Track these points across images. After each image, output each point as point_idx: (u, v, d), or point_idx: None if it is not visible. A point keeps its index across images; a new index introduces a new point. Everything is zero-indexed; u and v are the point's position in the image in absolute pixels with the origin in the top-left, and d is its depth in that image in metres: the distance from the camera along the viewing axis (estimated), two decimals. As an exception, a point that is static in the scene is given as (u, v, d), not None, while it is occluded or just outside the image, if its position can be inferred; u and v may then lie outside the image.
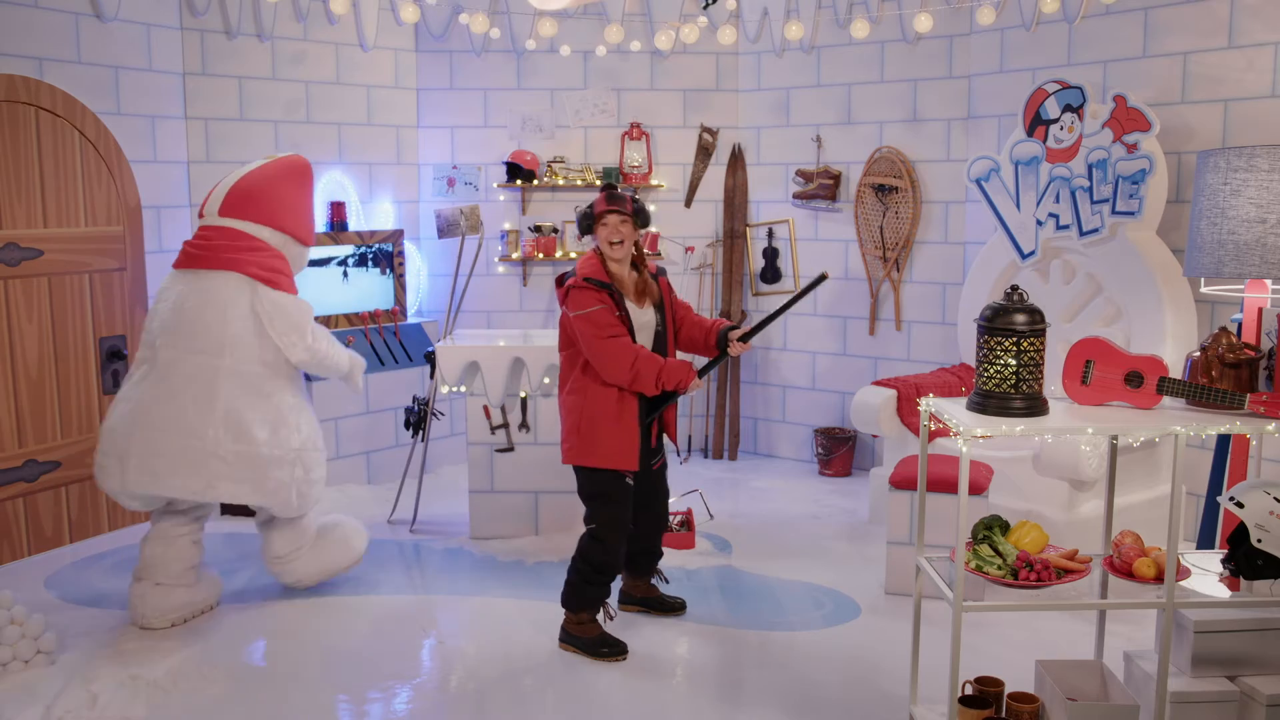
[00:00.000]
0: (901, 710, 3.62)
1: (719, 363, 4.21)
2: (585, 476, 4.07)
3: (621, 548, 4.08)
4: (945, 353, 6.32)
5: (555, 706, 3.71)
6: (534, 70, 6.81)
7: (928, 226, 6.37)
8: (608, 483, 4.03)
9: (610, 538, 4.03)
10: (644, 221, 4.08)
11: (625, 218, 4.01)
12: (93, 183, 5.40)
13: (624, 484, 4.05)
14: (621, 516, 4.05)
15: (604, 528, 4.03)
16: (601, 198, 4.04)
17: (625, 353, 3.90)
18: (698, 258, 6.99)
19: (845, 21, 6.34)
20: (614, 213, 4.00)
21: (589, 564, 4.04)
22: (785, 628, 4.34)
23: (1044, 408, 3.11)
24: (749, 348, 4.13)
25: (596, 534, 4.03)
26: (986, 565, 3.15)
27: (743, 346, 4.08)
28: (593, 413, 3.99)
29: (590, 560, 4.04)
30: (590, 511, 4.08)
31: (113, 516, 5.56)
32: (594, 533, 4.04)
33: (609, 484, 4.03)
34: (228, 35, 5.89)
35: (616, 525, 4.04)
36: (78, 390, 5.37)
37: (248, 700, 3.76)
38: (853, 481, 6.51)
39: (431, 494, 6.20)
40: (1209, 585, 3.20)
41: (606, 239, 4.02)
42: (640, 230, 4.09)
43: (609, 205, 4.01)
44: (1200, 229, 4.08)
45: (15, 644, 3.88)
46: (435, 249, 6.89)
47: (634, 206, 4.04)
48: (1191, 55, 5.14)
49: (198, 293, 4.27)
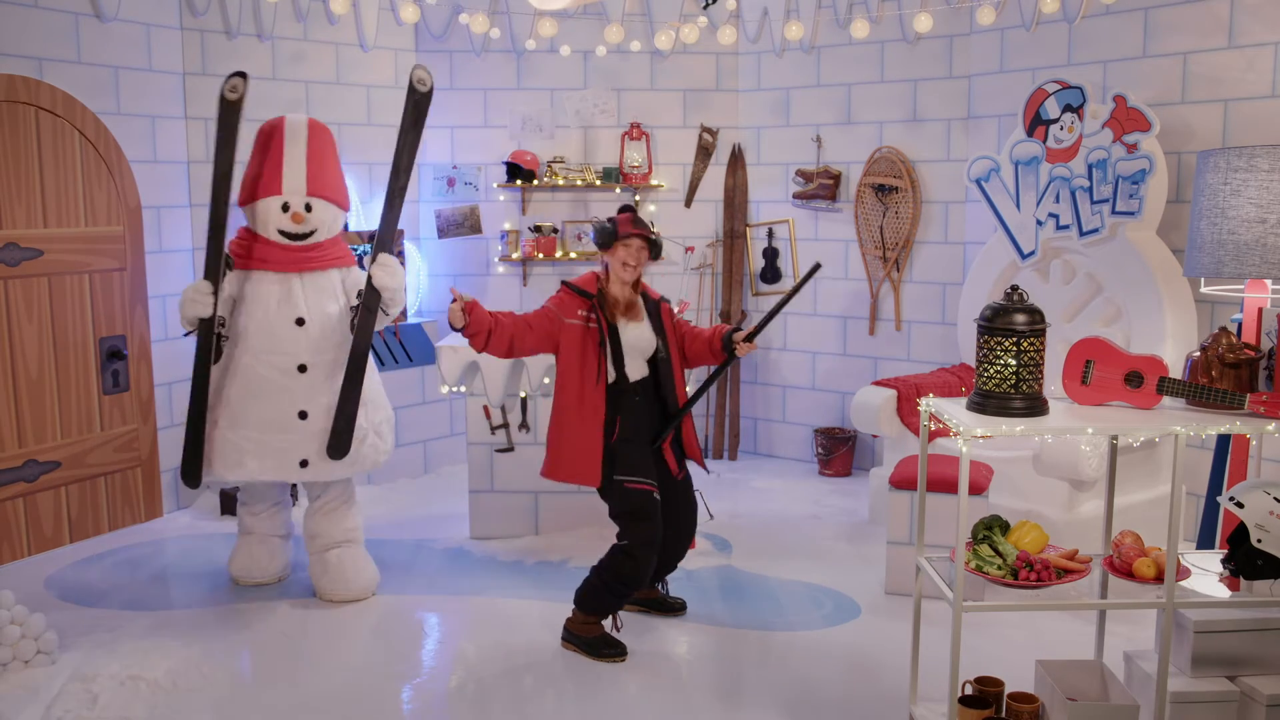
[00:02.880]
0: (901, 710, 3.62)
1: (728, 366, 4.23)
2: (616, 497, 4.05)
3: (651, 565, 4.05)
4: (945, 353, 6.32)
5: (556, 706, 3.71)
6: (534, 70, 6.81)
7: (928, 226, 6.37)
8: (638, 500, 4.01)
9: (643, 554, 4.00)
10: (657, 253, 4.14)
11: (645, 245, 4.06)
12: (93, 183, 5.40)
13: (649, 498, 4.03)
14: (652, 532, 4.02)
15: (636, 544, 4.00)
16: (627, 219, 4.07)
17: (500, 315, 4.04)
18: (698, 258, 6.99)
19: (845, 21, 6.34)
20: (638, 236, 4.04)
21: (616, 576, 4.02)
22: (785, 628, 4.34)
23: (1044, 408, 3.11)
24: (755, 347, 4.15)
25: (630, 550, 4.01)
26: (986, 565, 3.15)
27: (749, 346, 4.10)
28: (559, 425, 4.08)
29: (617, 573, 4.02)
30: (623, 530, 4.06)
31: (113, 516, 5.56)
32: (627, 549, 4.02)
33: (639, 501, 4.01)
34: (228, 35, 5.88)
35: (648, 541, 4.01)
36: (78, 390, 5.37)
37: (248, 700, 3.76)
38: (853, 481, 6.51)
39: (431, 494, 6.20)
40: (1209, 585, 3.21)
41: (624, 260, 4.06)
42: (653, 261, 4.16)
43: (635, 229, 4.04)
44: (1200, 229, 4.08)
45: (15, 644, 3.88)
46: (435, 249, 6.89)
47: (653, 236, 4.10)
48: (1191, 55, 5.14)
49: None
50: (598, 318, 4.02)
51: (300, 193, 4.50)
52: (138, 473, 5.67)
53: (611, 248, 4.07)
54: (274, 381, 4.41)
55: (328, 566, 4.59)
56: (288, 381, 4.42)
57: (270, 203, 4.49)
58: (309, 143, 4.57)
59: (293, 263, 4.51)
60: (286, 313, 4.46)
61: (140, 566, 5.06)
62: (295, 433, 4.41)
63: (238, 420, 4.42)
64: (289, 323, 4.45)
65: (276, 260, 4.51)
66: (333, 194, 4.61)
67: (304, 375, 4.43)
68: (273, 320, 4.45)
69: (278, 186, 4.49)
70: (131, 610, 4.52)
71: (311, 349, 4.46)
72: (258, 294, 4.49)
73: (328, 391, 4.46)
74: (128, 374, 5.57)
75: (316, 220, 4.54)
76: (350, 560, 4.62)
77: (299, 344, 4.45)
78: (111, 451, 5.52)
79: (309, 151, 4.55)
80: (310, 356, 4.45)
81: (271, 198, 4.49)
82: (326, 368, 4.48)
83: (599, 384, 4.02)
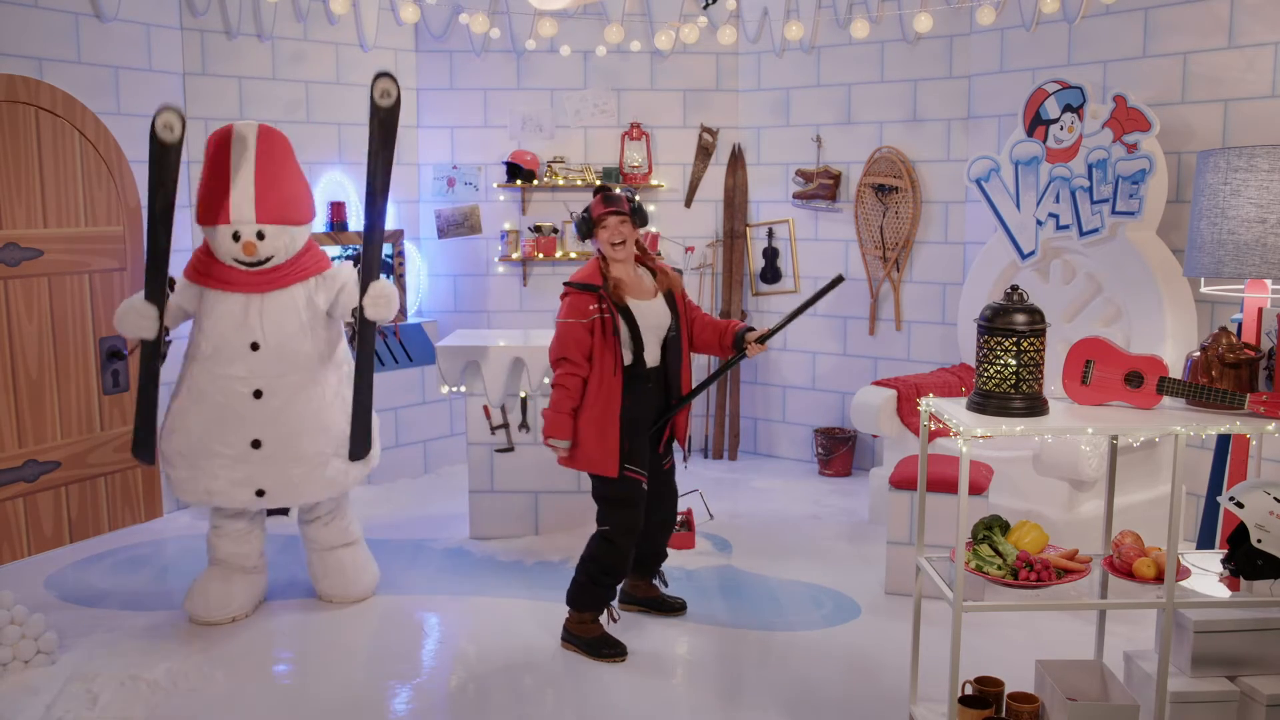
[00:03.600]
0: (901, 710, 3.62)
1: (735, 363, 4.21)
2: (600, 479, 4.07)
3: (631, 551, 4.08)
4: (945, 353, 6.32)
5: (555, 706, 3.71)
6: (534, 70, 6.81)
7: (928, 226, 6.37)
8: (622, 486, 4.02)
9: (622, 541, 4.02)
10: (642, 220, 4.08)
11: (624, 217, 4.01)
12: (93, 183, 5.39)
13: (639, 488, 4.04)
14: (634, 520, 4.04)
15: (616, 530, 4.02)
16: (598, 200, 4.04)
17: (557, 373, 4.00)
18: (698, 258, 6.99)
19: (845, 21, 6.34)
20: (612, 214, 4.00)
21: (598, 565, 4.04)
22: (785, 627, 4.34)
23: (1044, 408, 3.11)
24: (765, 349, 4.13)
25: (608, 536, 4.03)
26: (986, 565, 3.15)
27: (760, 348, 4.08)
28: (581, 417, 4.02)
29: (599, 561, 4.04)
30: (603, 513, 4.07)
31: (113, 516, 5.56)
32: (606, 534, 4.04)
33: (624, 487, 4.02)
34: (228, 35, 5.88)
35: (629, 528, 4.03)
36: (78, 390, 5.37)
37: (248, 700, 3.76)
38: (853, 481, 6.51)
39: (431, 494, 6.20)
40: (1209, 585, 3.20)
41: (608, 240, 4.02)
42: (640, 229, 4.09)
43: (606, 207, 4.01)
44: (1200, 229, 4.08)
45: (15, 644, 3.88)
46: (435, 249, 6.89)
47: (631, 205, 4.04)
48: (1191, 55, 5.14)
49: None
50: (607, 306, 3.99)
51: (250, 221, 4.14)
52: (138, 473, 5.67)
53: (593, 234, 4.06)
54: (228, 407, 4.18)
55: (327, 568, 4.58)
56: (241, 408, 4.18)
57: (222, 231, 4.17)
58: (257, 160, 4.16)
59: (253, 285, 4.23)
60: (243, 336, 4.20)
61: (140, 566, 5.07)
62: (249, 463, 4.20)
63: (194, 445, 4.22)
64: (244, 346, 4.19)
65: (236, 282, 4.23)
66: (287, 215, 4.23)
67: (259, 401, 4.18)
68: (230, 342, 4.20)
69: (225, 215, 4.14)
70: (131, 610, 4.52)
71: (267, 373, 4.20)
72: (215, 313, 4.24)
73: (288, 419, 4.22)
74: (128, 374, 5.57)
75: (270, 248, 4.20)
76: (351, 561, 4.61)
77: (253, 368, 4.19)
78: (111, 451, 5.52)
79: (257, 171, 4.15)
80: (266, 382, 4.20)
81: (222, 226, 4.17)
82: (286, 392, 4.22)
83: (616, 373, 3.98)
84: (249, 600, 4.47)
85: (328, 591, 4.58)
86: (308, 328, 4.30)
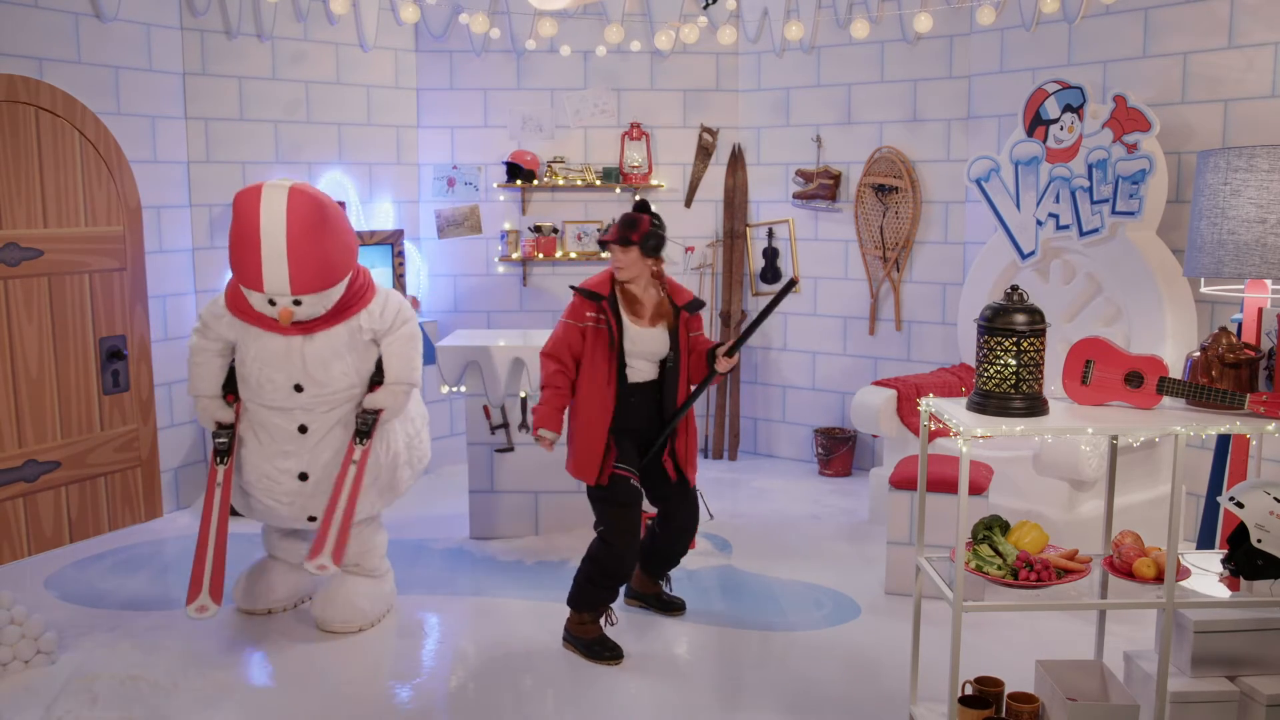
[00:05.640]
0: (901, 710, 3.62)
1: (709, 382, 4.21)
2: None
3: (631, 554, 4.06)
4: (945, 353, 6.32)
5: (555, 706, 3.71)
6: (534, 70, 6.81)
7: (928, 226, 6.37)
8: (614, 484, 4.03)
9: (619, 541, 4.01)
10: (649, 251, 4.05)
11: (626, 247, 4.03)
12: (93, 183, 5.39)
13: (629, 487, 4.04)
14: (629, 520, 4.03)
15: (611, 531, 4.02)
16: (615, 225, 4.08)
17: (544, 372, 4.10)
18: (698, 258, 6.99)
19: (845, 21, 6.34)
20: (614, 242, 4.05)
21: (596, 567, 4.04)
22: (785, 628, 4.34)
23: (1044, 408, 3.11)
24: (735, 361, 4.14)
25: (604, 537, 4.03)
26: (986, 565, 3.15)
27: (729, 361, 4.10)
28: (572, 422, 4.13)
29: (599, 564, 4.04)
30: (597, 515, 4.09)
31: (113, 516, 5.56)
32: (602, 536, 4.05)
33: (611, 486, 4.04)
34: (228, 35, 5.88)
35: (624, 529, 4.03)
36: (78, 390, 5.37)
37: (247, 700, 3.76)
38: (853, 481, 6.51)
39: (431, 494, 6.20)
40: (1209, 585, 3.21)
41: (614, 264, 4.08)
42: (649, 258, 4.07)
43: (616, 233, 4.05)
44: (1200, 229, 4.08)
45: (15, 644, 3.88)
46: (435, 249, 6.89)
47: (642, 236, 4.02)
48: (1191, 55, 5.14)
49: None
50: (607, 318, 4.03)
51: (285, 294, 4.01)
52: (138, 473, 5.67)
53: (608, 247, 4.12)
54: (274, 443, 4.22)
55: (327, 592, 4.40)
56: (288, 445, 4.21)
57: (256, 296, 4.07)
58: (288, 235, 3.93)
59: (294, 329, 4.15)
60: (286, 376, 4.14)
61: (140, 566, 5.07)
62: (299, 495, 4.24)
63: (248, 475, 4.27)
64: (288, 387, 4.15)
65: (278, 327, 4.15)
66: (326, 281, 4.05)
67: (305, 436, 4.20)
68: (273, 379, 4.16)
69: (259, 285, 4.00)
70: (131, 610, 4.52)
71: (312, 411, 4.20)
72: (256, 347, 4.17)
73: (330, 447, 4.23)
74: (128, 374, 5.57)
75: (309, 310, 4.09)
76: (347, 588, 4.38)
77: (297, 408, 4.19)
78: (111, 451, 5.53)
79: (289, 244, 3.93)
80: (311, 419, 4.20)
81: (255, 292, 4.05)
82: (329, 425, 4.23)
83: (609, 385, 4.03)
84: (289, 595, 4.55)
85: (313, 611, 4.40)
86: (351, 366, 4.24)
